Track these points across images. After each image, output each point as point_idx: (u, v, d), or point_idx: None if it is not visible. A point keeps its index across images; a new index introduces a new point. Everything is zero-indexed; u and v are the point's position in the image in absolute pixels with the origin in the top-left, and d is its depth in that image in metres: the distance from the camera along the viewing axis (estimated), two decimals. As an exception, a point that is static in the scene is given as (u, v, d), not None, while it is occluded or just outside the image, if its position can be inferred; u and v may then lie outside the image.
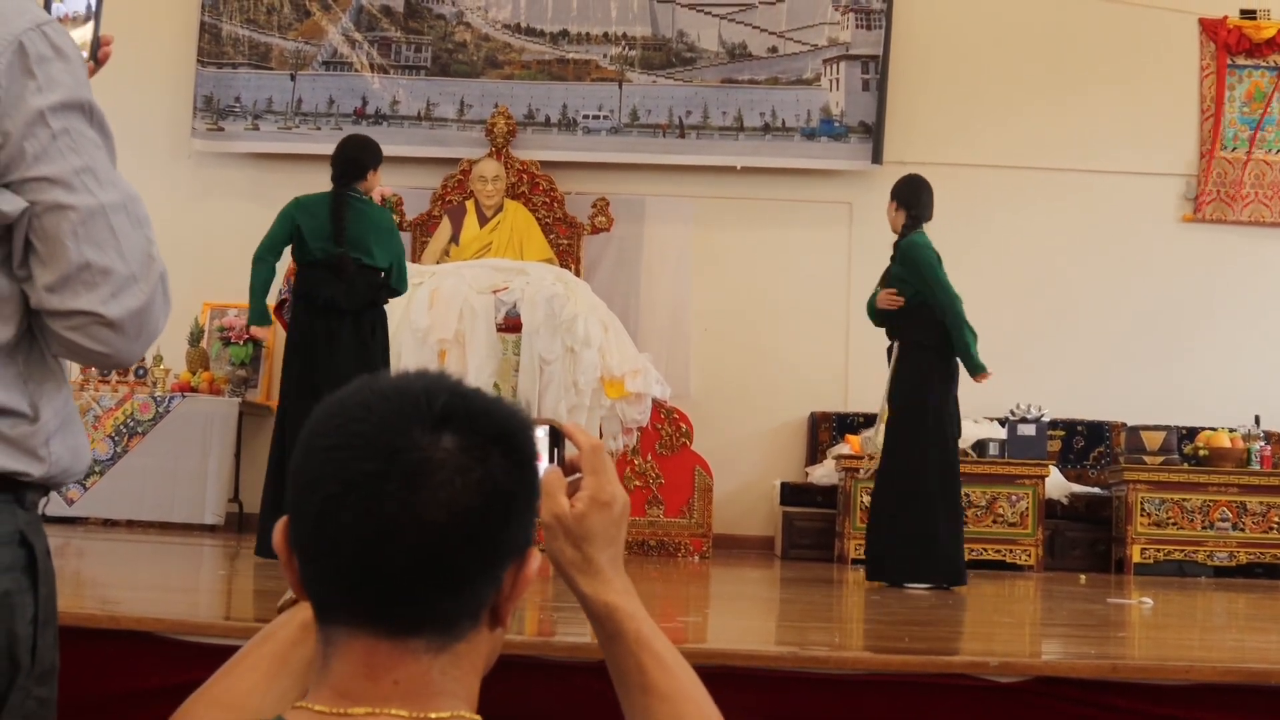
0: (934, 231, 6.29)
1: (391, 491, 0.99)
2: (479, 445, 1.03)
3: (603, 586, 1.25)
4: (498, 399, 1.08)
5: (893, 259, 6.18)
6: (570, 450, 1.29)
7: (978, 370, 5.96)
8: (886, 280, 6.20)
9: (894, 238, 6.22)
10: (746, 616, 4.68)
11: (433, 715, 1.02)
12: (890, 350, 6.20)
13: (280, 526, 1.07)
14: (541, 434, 1.25)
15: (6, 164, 1.44)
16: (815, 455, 8.77)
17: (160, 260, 1.55)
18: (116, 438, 7.93)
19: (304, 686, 1.29)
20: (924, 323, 5.98)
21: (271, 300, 8.08)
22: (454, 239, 8.53)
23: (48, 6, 1.64)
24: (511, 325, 7.25)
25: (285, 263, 7.98)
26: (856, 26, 9.03)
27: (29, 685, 1.50)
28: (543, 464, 1.22)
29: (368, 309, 5.83)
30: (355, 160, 5.88)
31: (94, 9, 1.69)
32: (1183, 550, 7.65)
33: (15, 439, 1.50)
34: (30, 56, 1.44)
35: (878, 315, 6.26)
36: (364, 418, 1.02)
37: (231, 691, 1.29)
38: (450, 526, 1.00)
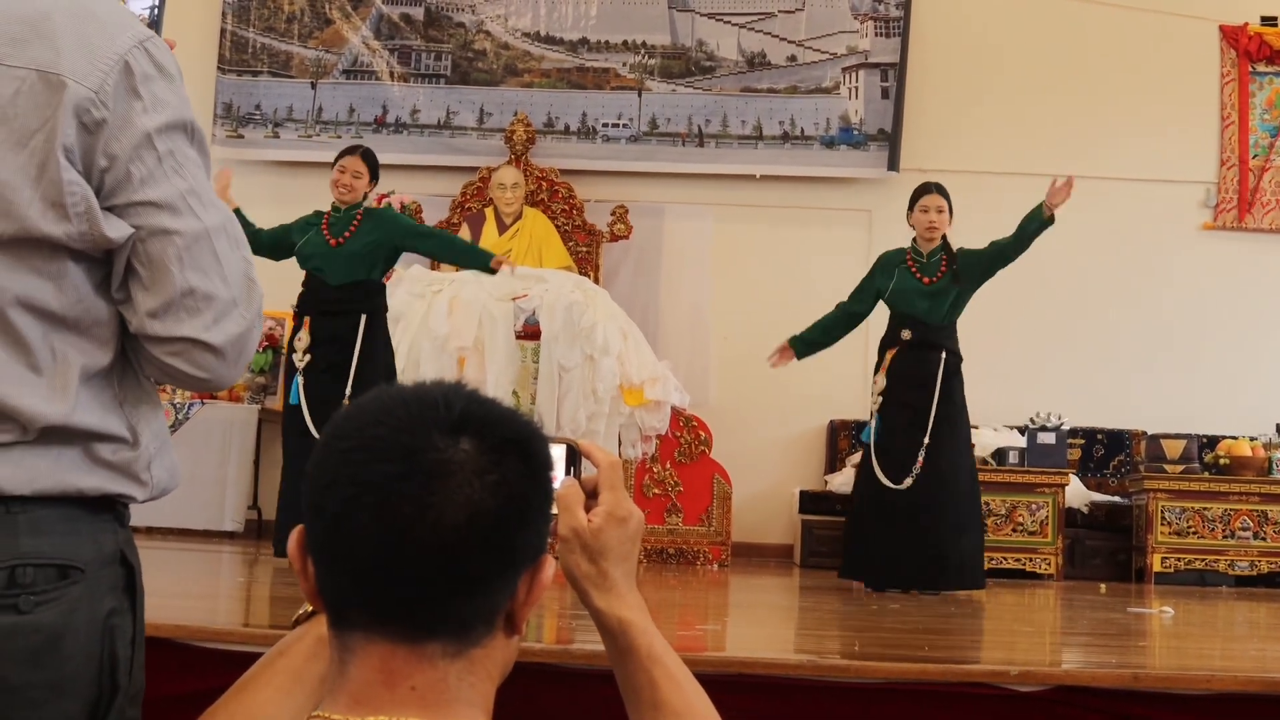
0: (954, 239, 6.33)
1: (410, 492, 0.99)
2: (496, 449, 1.03)
3: (617, 601, 1.26)
4: (513, 409, 1.09)
5: (945, 269, 6.13)
6: (587, 469, 1.29)
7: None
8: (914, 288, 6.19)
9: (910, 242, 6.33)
10: (765, 625, 4.67)
11: None
12: (894, 348, 6.16)
13: (295, 534, 1.07)
14: (559, 452, 1.25)
15: (113, 187, 1.41)
16: (835, 463, 8.74)
17: (259, 283, 1.52)
18: (137, 444, 7.96)
19: (319, 701, 1.30)
20: (955, 332, 6.15)
21: (284, 307, 8.13)
22: (473, 247, 8.55)
23: None
24: (530, 333, 7.26)
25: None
26: (875, 35, 9.02)
27: (124, 706, 1.48)
28: (560, 479, 1.23)
29: None
30: None
31: (156, 15, 1.67)
32: (1203, 559, 7.60)
33: (118, 464, 1.46)
34: (136, 76, 1.41)
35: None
36: (383, 421, 1.03)
37: (246, 706, 1.29)
38: (467, 528, 1.00)
